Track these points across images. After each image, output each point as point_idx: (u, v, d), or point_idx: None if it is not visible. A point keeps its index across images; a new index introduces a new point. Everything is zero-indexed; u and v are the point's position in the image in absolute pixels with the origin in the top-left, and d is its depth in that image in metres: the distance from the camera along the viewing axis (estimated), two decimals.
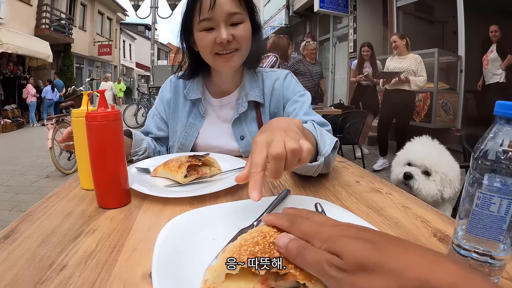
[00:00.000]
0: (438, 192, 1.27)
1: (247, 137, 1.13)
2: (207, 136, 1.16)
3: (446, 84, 5.57)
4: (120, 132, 0.68)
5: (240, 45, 1.00)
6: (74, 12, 16.34)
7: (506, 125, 0.43)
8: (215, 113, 1.18)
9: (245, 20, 1.00)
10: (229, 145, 1.15)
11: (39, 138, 7.76)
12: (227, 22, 0.96)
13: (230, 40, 0.97)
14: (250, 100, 1.12)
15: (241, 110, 1.12)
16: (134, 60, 28.18)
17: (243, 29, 0.99)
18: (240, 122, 1.14)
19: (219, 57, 1.00)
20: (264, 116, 1.15)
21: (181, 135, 1.16)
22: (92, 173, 0.68)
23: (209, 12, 0.94)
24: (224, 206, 0.62)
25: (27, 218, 0.64)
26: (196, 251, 0.46)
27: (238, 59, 1.03)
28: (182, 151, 1.15)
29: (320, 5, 7.86)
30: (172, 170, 0.81)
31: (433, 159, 1.30)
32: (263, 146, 0.51)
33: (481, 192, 0.44)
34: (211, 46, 0.98)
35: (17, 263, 0.48)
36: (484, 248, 0.45)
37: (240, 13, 0.97)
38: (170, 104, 1.21)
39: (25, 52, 11.00)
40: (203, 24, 0.96)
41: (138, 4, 7.82)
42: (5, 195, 3.72)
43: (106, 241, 0.54)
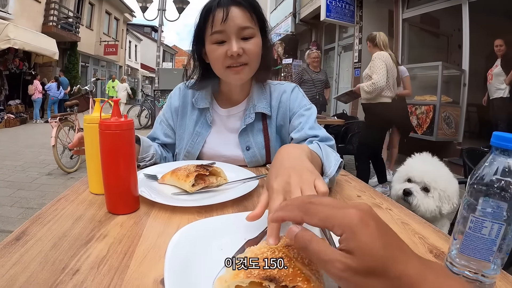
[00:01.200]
0: (437, 208, 1.29)
1: (252, 148, 1.15)
2: (213, 145, 1.18)
3: (449, 98, 5.60)
4: (132, 141, 0.71)
5: (250, 59, 1.03)
6: (81, 11, 16.44)
7: (501, 155, 0.46)
8: (222, 122, 1.19)
9: (256, 35, 1.03)
10: (234, 155, 1.17)
11: (42, 134, 7.80)
12: (238, 35, 0.99)
13: (240, 54, 0.99)
14: (257, 111, 1.14)
15: (249, 121, 1.14)
16: (139, 61, 28.26)
17: (253, 44, 1.02)
18: (247, 133, 1.16)
19: (229, 70, 1.03)
20: (270, 128, 1.17)
21: (188, 143, 1.18)
22: (103, 180, 0.70)
23: (221, 25, 0.97)
24: (231, 217, 0.65)
25: (37, 220, 0.65)
26: (204, 260, 0.48)
27: (247, 72, 1.05)
28: (189, 159, 1.17)
29: (326, 15, 7.89)
30: (180, 179, 0.84)
31: (432, 176, 1.33)
32: (279, 194, 0.54)
33: (474, 216, 0.47)
34: (222, 59, 1.01)
35: (30, 265, 0.50)
36: (476, 267, 0.48)
37: (251, 27, 1.00)
38: (178, 111, 1.23)
39: (31, 48, 11.03)
40: (215, 36, 1.00)
41: (146, 6, 7.87)
42: (6, 191, 3.74)
43: (117, 247, 0.56)
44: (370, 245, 0.35)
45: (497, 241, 0.46)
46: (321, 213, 0.38)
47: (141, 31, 29.60)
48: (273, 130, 1.18)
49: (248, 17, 1.00)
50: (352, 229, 0.36)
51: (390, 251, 0.35)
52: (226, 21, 0.97)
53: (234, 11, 0.98)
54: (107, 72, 21.29)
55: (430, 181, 1.32)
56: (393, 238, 0.38)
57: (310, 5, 9.81)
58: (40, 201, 3.45)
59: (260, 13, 1.05)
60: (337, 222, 0.37)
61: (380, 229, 0.37)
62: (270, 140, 1.16)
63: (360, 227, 0.36)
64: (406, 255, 0.36)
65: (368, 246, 0.35)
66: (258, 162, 1.17)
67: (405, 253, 0.37)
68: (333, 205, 0.39)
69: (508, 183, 0.45)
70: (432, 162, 1.40)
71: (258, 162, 1.17)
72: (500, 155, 0.46)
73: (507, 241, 0.46)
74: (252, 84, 1.18)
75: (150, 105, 9.64)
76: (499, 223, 0.45)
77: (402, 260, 0.35)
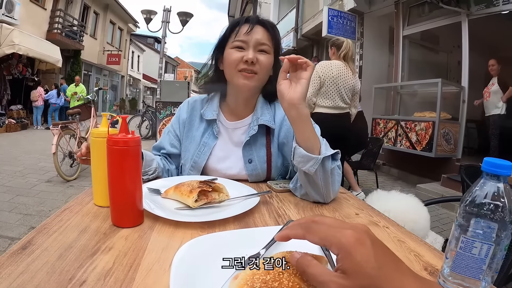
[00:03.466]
0: None
1: (254, 161, 1.21)
2: (218, 156, 1.23)
3: (448, 114, 5.64)
4: (139, 157, 0.73)
5: (260, 70, 1.13)
6: (86, 20, 16.62)
7: (491, 180, 0.49)
8: (227, 135, 1.26)
9: (270, 53, 1.16)
10: (237, 167, 1.22)
11: (42, 141, 7.83)
12: (256, 47, 1.12)
13: (254, 62, 1.10)
14: (261, 123, 1.19)
15: (252, 132, 1.19)
16: (142, 72, 28.40)
17: (266, 58, 1.14)
18: (250, 146, 1.21)
19: (240, 73, 1.12)
20: (272, 143, 1.22)
21: (195, 153, 1.23)
22: (109, 193, 0.72)
23: (244, 35, 1.12)
24: (233, 233, 0.67)
25: (42, 230, 0.67)
26: (207, 275, 0.50)
27: (255, 81, 1.14)
28: (195, 169, 1.23)
29: (328, 31, 7.97)
30: (183, 194, 0.86)
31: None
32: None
33: (465, 237, 0.49)
34: (237, 63, 1.12)
35: (37, 275, 0.51)
36: (467, 285, 0.50)
37: (268, 45, 1.14)
38: (186, 123, 1.29)
39: (35, 54, 11.11)
40: (236, 43, 1.12)
41: (150, 17, 7.97)
42: (5, 196, 3.74)
43: (122, 260, 0.58)
44: (364, 264, 0.37)
45: (487, 260, 0.48)
46: (321, 233, 0.41)
47: (144, 42, 29.81)
48: (275, 146, 1.23)
49: (267, 37, 1.14)
50: (347, 249, 0.38)
51: (385, 270, 0.37)
52: (249, 33, 1.11)
53: (258, 28, 1.13)
54: (109, 81, 21.40)
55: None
56: (389, 257, 0.40)
57: (312, 21, 9.92)
58: (38, 208, 3.44)
59: (278, 39, 1.19)
60: (335, 241, 0.39)
61: (376, 249, 0.39)
62: (272, 155, 1.22)
63: (355, 247, 0.38)
64: (402, 274, 0.38)
65: (362, 266, 0.37)
66: (258, 175, 1.21)
67: (402, 272, 0.39)
68: (333, 225, 0.42)
69: (497, 206, 0.47)
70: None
71: (258, 175, 1.21)
72: (491, 180, 0.49)
73: (496, 260, 0.49)
74: (258, 99, 1.26)
75: (151, 116, 9.65)
76: (488, 244, 0.48)
77: (397, 279, 0.37)
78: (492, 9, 5.03)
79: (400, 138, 5.98)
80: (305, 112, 0.95)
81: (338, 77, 3.36)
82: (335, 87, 3.37)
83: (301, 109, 0.94)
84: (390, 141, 6.23)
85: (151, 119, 9.76)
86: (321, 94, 3.41)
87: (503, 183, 0.48)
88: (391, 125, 6.17)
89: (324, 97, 3.40)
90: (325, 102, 3.41)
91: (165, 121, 5.06)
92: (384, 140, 6.20)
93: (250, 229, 0.68)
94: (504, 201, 0.47)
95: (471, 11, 5.31)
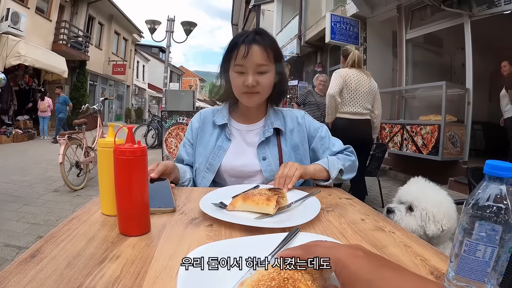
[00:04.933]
0: (419, 228, 1.27)
1: (268, 158, 1.31)
2: (233, 155, 1.33)
3: (453, 117, 5.61)
4: (145, 166, 0.74)
5: (262, 90, 1.25)
6: (91, 31, 16.84)
7: (493, 183, 0.49)
8: (241, 136, 1.37)
9: (270, 70, 1.25)
10: (252, 164, 1.31)
11: (49, 151, 7.91)
12: (255, 70, 1.21)
13: (254, 85, 1.21)
14: (274, 127, 1.33)
15: (267, 134, 1.32)
16: (147, 81, 28.61)
17: (266, 78, 1.24)
18: (263, 146, 1.33)
19: (244, 95, 1.25)
20: (283, 143, 1.35)
21: (210, 156, 1.33)
22: (116, 203, 0.73)
23: (242, 59, 1.19)
24: (240, 240, 0.68)
25: (51, 239, 0.68)
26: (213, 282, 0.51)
27: (258, 99, 1.28)
28: (210, 171, 1.32)
29: (331, 37, 8.02)
30: (259, 203, 0.89)
31: (415, 195, 1.32)
32: None
33: (468, 240, 0.49)
34: (240, 87, 1.23)
35: (45, 282, 0.52)
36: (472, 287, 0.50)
37: (266, 65, 1.22)
38: (198, 131, 1.41)
39: (41, 65, 11.27)
40: (236, 68, 1.22)
41: (155, 27, 8.04)
42: (12, 205, 3.77)
43: (130, 267, 0.58)
44: (359, 272, 0.40)
45: (491, 263, 0.48)
46: (319, 252, 0.45)
47: (149, 52, 30.07)
48: (287, 146, 1.35)
49: (265, 56, 1.21)
50: (343, 262, 0.42)
51: (381, 271, 0.40)
52: (246, 57, 1.18)
53: (254, 49, 1.19)
54: (115, 91, 21.59)
55: (413, 200, 1.32)
56: (385, 261, 0.44)
57: (315, 27, 9.97)
58: (46, 217, 3.47)
59: (276, 49, 1.26)
60: (332, 258, 0.43)
61: (370, 257, 0.43)
62: (283, 153, 1.33)
63: (350, 259, 0.42)
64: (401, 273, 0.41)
65: (357, 274, 0.40)
66: (272, 171, 1.29)
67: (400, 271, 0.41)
68: (330, 246, 0.47)
69: (500, 208, 0.47)
70: (420, 183, 1.40)
71: (272, 171, 1.29)
72: (493, 182, 0.49)
73: (500, 262, 0.48)
74: (269, 107, 1.41)
75: (157, 125, 9.70)
76: (492, 246, 0.48)
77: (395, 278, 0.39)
78: (494, 9, 5.03)
79: (406, 142, 5.96)
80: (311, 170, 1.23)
81: (356, 84, 3.53)
82: (354, 94, 3.54)
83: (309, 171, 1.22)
84: (396, 146, 6.21)
85: (157, 128, 9.80)
86: (342, 101, 3.55)
87: (505, 185, 0.48)
88: (397, 130, 6.16)
89: (344, 104, 3.55)
90: (345, 108, 3.56)
91: (170, 130, 5.09)
92: (390, 145, 6.18)
93: (256, 236, 0.69)
94: (507, 203, 0.47)
95: (473, 12, 5.31)
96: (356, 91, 3.53)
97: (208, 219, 0.85)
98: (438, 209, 1.26)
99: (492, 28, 5.60)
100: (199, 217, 0.87)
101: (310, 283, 0.44)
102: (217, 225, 0.81)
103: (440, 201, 1.29)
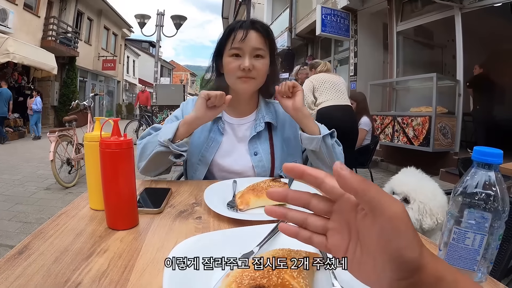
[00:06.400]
0: (416, 221, 1.24)
1: (260, 153, 1.29)
2: (223, 152, 1.30)
3: (444, 108, 5.65)
4: (132, 158, 0.73)
5: (257, 75, 1.22)
6: (80, 26, 16.58)
7: (482, 169, 0.48)
8: (232, 131, 1.34)
9: (266, 56, 1.24)
10: (241, 162, 1.29)
11: (40, 149, 7.80)
12: (252, 54, 1.20)
13: (250, 69, 1.19)
14: (266, 121, 1.31)
15: (259, 129, 1.30)
16: (137, 76, 28.31)
17: (262, 63, 1.22)
18: (255, 141, 1.30)
19: (239, 80, 1.22)
20: (275, 137, 1.33)
21: (203, 147, 1.29)
22: (103, 196, 0.72)
23: (239, 43, 1.18)
24: (227, 232, 0.67)
25: (39, 235, 0.67)
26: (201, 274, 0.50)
27: (253, 84, 1.24)
28: (202, 163, 1.28)
29: (322, 29, 8.00)
30: None
31: (412, 186, 1.28)
32: None
33: (457, 227, 0.49)
34: (235, 71, 1.21)
35: (33, 278, 0.52)
36: None
37: (263, 49, 1.21)
38: None
39: (30, 62, 11.08)
40: (233, 51, 1.20)
41: (144, 22, 7.97)
42: (4, 205, 3.73)
43: (117, 261, 0.58)
44: None
45: (480, 251, 0.48)
46: None
47: (139, 47, 29.72)
48: (278, 139, 1.33)
49: (262, 41, 1.21)
50: None
51: None
52: (244, 40, 1.18)
53: (252, 34, 1.19)
54: (105, 87, 21.37)
55: (409, 191, 1.27)
56: None
57: (306, 20, 9.94)
58: (38, 216, 3.43)
59: (272, 40, 1.27)
60: None
61: None
62: (274, 147, 1.31)
63: None
64: None
65: None
66: (264, 166, 1.28)
67: None
68: None
69: (489, 195, 0.47)
70: (415, 174, 1.37)
71: (264, 167, 1.28)
72: (481, 169, 0.49)
73: (490, 250, 0.48)
74: (260, 99, 1.38)
75: (148, 120, 9.64)
76: (481, 234, 0.47)
77: None
78: (484, 1, 5.06)
79: (397, 133, 6.00)
80: (307, 113, 1.21)
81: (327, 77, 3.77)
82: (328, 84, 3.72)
83: (304, 111, 1.20)
84: (387, 137, 6.25)
85: (148, 123, 9.73)
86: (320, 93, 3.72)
87: (494, 172, 0.48)
88: (388, 121, 6.19)
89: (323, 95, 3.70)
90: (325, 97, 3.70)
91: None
92: (382, 137, 6.22)
93: (244, 228, 0.68)
94: (496, 190, 0.47)
95: (464, 4, 5.33)
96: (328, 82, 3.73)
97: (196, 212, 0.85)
98: (434, 202, 1.24)
99: (483, 20, 5.64)
100: (187, 210, 0.87)
101: (296, 274, 0.44)
102: (205, 218, 0.81)
103: (435, 193, 1.28)
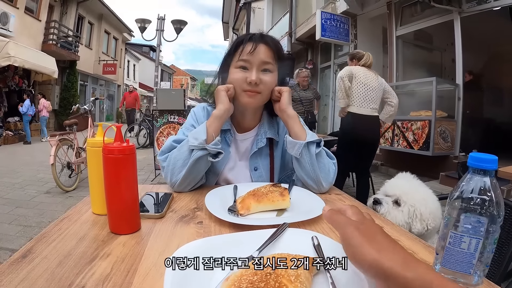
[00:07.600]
0: (406, 224, 1.25)
1: (260, 169, 1.27)
2: (228, 166, 1.27)
3: (444, 112, 5.67)
4: (134, 164, 0.74)
5: (264, 90, 1.17)
6: (81, 30, 16.62)
7: (477, 175, 0.50)
8: (235, 145, 1.30)
9: (274, 71, 1.19)
10: (241, 177, 1.27)
11: (41, 152, 7.80)
12: (259, 67, 1.16)
13: (257, 83, 1.14)
14: (268, 137, 1.27)
15: (261, 145, 1.26)
16: (138, 80, 28.28)
17: (270, 77, 1.18)
18: (256, 156, 1.27)
19: (245, 93, 1.17)
20: (276, 152, 1.30)
21: None
22: (106, 201, 0.73)
23: (247, 55, 1.14)
24: (228, 237, 0.68)
25: (42, 239, 0.68)
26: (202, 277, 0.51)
27: (258, 99, 1.19)
28: (212, 173, 1.24)
29: (321, 34, 8.02)
30: (275, 201, 0.89)
31: (404, 190, 1.30)
32: None
33: (453, 232, 0.50)
34: (241, 83, 1.16)
35: (37, 282, 0.53)
36: (459, 280, 0.51)
37: (271, 63, 1.17)
38: None
39: (31, 66, 11.08)
40: (240, 63, 1.16)
41: (145, 26, 8.00)
42: (4, 208, 3.73)
43: (120, 265, 0.59)
44: None
45: (476, 254, 0.49)
46: None
47: (140, 51, 29.73)
48: (278, 154, 1.31)
49: (271, 55, 1.17)
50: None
51: None
52: (252, 53, 1.14)
53: (261, 47, 1.16)
54: (106, 91, 21.38)
55: (401, 194, 1.29)
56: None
57: (306, 24, 9.96)
58: (38, 219, 3.43)
59: (281, 54, 1.22)
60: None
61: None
62: (274, 164, 1.29)
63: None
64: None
65: None
66: (263, 181, 1.24)
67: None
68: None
69: (484, 200, 0.48)
70: (409, 179, 1.38)
71: (263, 181, 1.24)
72: (477, 175, 0.50)
73: (486, 254, 0.49)
74: (263, 114, 1.32)
75: (149, 124, 9.63)
76: (477, 238, 0.49)
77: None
78: (483, 5, 5.08)
79: (397, 138, 6.01)
80: (292, 113, 1.18)
81: (365, 78, 3.57)
82: (363, 87, 3.56)
83: (288, 111, 1.17)
84: (387, 141, 6.26)
85: (149, 127, 9.72)
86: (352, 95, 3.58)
87: (489, 177, 0.49)
88: (388, 126, 6.20)
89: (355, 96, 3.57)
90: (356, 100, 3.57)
91: (162, 129, 5.06)
92: (382, 141, 6.22)
93: (245, 233, 0.69)
94: (491, 195, 0.48)
95: (463, 8, 5.36)
96: (366, 85, 3.56)
97: (197, 217, 0.86)
98: (425, 207, 1.24)
99: (482, 24, 5.65)
100: (189, 215, 0.88)
101: (294, 279, 0.45)
102: (206, 222, 0.82)
103: (427, 199, 1.28)
